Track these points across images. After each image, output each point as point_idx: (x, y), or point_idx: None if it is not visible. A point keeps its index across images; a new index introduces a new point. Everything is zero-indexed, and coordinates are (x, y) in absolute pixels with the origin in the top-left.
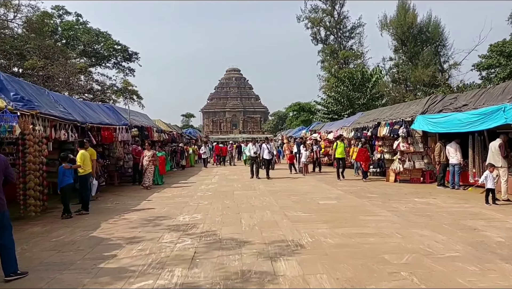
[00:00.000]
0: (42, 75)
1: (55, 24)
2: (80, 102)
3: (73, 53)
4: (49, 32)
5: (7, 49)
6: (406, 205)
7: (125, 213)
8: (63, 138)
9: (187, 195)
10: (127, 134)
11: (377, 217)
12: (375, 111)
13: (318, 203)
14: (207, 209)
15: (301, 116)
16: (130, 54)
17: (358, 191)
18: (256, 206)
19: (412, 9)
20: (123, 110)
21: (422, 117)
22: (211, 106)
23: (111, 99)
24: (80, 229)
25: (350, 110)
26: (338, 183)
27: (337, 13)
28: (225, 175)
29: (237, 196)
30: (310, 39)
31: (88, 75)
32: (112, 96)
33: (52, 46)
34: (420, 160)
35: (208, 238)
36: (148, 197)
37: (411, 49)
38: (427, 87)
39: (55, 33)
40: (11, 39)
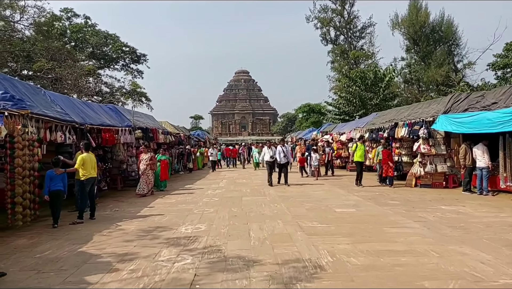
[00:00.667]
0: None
1: (63, 26)
2: (80, 102)
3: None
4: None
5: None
6: (434, 214)
7: (123, 222)
8: (59, 141)
9: (192, 201)
10: (131, 136)
11: (404, 229)
12: (391, 112)
13: (335, 211)
14: (212, 218)
15: (311, 117)
16: (138, 56)
17: (377, 197)
18: (266, 214)
19: (424, 8)
20: (126, 111)
21: (445, 117)
22: (220, 108)
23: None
24: (69, 243)
25: (363, 111)
26: (354, 187)
27: (347, 12)
28: (233, 178)
29: (246, 202)
30: (320, 39)
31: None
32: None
33: (59, 48)
34: (442, 163)
35: (212, 255)
36: (150, 204)
37: (423, 48)
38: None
39: (63, 35)
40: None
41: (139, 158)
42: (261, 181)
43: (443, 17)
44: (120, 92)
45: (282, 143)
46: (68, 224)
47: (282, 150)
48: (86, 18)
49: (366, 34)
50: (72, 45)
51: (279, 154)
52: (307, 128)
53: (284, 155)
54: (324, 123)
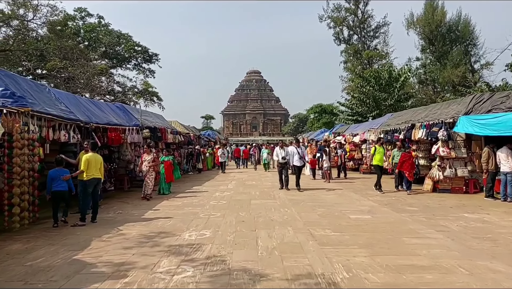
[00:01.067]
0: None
1: (77, 26)
2: (87, 100)
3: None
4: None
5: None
6: (457, 222)
7: (125, 226)
8: (63, 140)
9: (199, 204)
10: (138, 136)
11: (425, 239)
12: (407, 112)
13: (349, 217)
14: (218, 223)
15: (323, 118)
16: (150, 56)
17: (394, 203)
18: (275, 220)
19: (441, 7)
20: (134, 110)
21: (466, 118)
22: (231, 108)
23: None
24: (65, 249)
25: (376, 112)
26: (368, 192)
27: (361, 12)
28: (242, 180)
29: (254, 206)
30: (333, 39)
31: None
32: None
33: (71, 47)
34: (462, 167)
35: (215, 267)
36: (155, 206)
37: (439, 48)
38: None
39: (77, 35)
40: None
41: (141, 158)
42: (271, 183)
43: (460, 16)
44: (132, 91)
45: (297, 144)
46: (69, 226)
47: (297, 151)
48: (100, 17)
49: (380, 34)
50: (85, 45)
51: (293, 155)
52: (318, 129)
53: (299, 157)
54: (336, 124)
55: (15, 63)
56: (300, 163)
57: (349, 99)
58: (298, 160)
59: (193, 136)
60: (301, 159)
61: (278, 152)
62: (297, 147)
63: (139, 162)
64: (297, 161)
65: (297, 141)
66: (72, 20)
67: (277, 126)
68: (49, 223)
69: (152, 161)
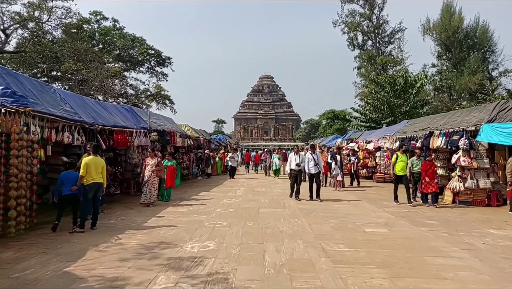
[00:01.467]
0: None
1: (92, 29)
2: (94, 102)
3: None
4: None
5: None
6: (483, 240)
7: (125, 235)
8: (66, 142)
9: (205, 211)
10: (145, 139)
11: (450, 259)
12: (424, 119)
13: (364, 231)
14: (224, 233)
15: (335, 124)
16: (164, 59)
17: (411, 215)
18: (285, 232)
19: (458, 12)
20: (143, 112)
21: (490, 127)
22: (243, 113)
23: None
24: (57, 259)
25: (391, 119)
26: (384, 202)
27: (375, 17)
28: (252, 186)
29: (263, 215)
30: (347, 44)
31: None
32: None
33: (85, 49)
34: (485, 178)
35: (216, 286)
36: (160, 212)
37: (456, 55)
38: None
39: (92, 38)
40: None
41: (145, 163)
42: (281, 190)
43: (478, 22)
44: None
45: (312, 150)
46: (67, 233)
47: (313, 157)
48: (115, 21)
49: (395, 40)
50: (100, 48)
51: (308, 162)
52: (331, 135)
53: (314, 164)
54: (349, 131)
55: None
56: (315, 170)
57: (363, 105)
58: (313, 167)
59: (203, 140)
60: (317, 166)
61: (292, 158)
62: (313, 153)
63: (143, 167)
64: (313, 168)
65: (313, 148)
66: (87, 23)
67: (289, 131)
68: (47, 228)
69: (156, 166)
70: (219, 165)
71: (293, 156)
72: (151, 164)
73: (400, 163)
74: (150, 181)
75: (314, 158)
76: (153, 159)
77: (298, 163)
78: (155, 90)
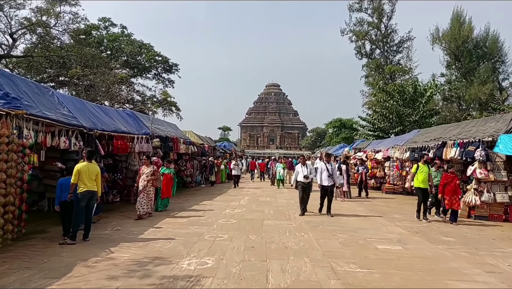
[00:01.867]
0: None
1: (101, 35)
2: (94, 106)
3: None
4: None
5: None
6: (508, 261)
7: (118, 248)
8: (63, 147)
9: (206, 223)
10: (147, 145)
11: (475, 284)
12: (436, 129)
13: (376, 248)
14: (224, 248)
15: (342, 133)
16: (170, 66)
17: (425, 230)
18: (290, 247)
19: (468, 22)
20: (146, 117)
21: (508, 138)
22: (249, 120)
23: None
24: (41, 275)
25: (399, 128)
26: (394, 215)
27: (384, 26)
28: (256, 195)
29: (267, 228)
30: (354, 53)
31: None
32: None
33: (92, 54)
34: (502, 192)
35: None
36: (158, 223)
37: (465, 65)
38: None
39: (100, 44)
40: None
41: (139, 171)
42: (287, 201)
43: (488, 32)
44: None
45: (327, 158)
46: (57, 244)
47: (327, 167)
48: (123, 27)
49: (404, 48)
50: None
51: (321, 172)
52: (337, 144)
53: (328, 175)
54: (356, 140)
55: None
56: (329, 182)
57: (371, 114)
58: (327, 179)
59: (208, 147)
60: (331, 177)
61: (299, 169)
62: (327, 162)
63: (138, 176)
64: (326, 179)
65: (328, 156)
66: (96, 29)
67: (295, 140)
68: (36, 239)
69: (152, 174)
70: (223, 172)
71: (300, 167)
72: (146, 172)
73: (421, 174)
74: (146, 191)
75: (329, 168)
76: (148, 167)
77: (306, 175)
78: (162, 96)
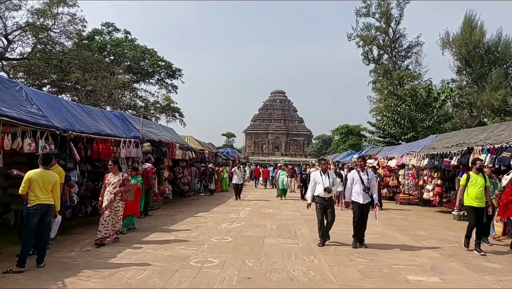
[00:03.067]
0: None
1: (104, 40)
2: (74, 105)
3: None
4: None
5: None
6: None
7: (76, 278)
8: (27, 150)
9: (196, 241)
10: (136, 150)
11: None
12: (457, 134)
13: (407, 280)
14: (212, 279)
15: (349, 140)
16: (174, 71)
17: (460, 253)
18: (297, 279)
19: (480, 26)
20: (136, 120)
21: None
22: (254, 127)
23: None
24: None
25: (412, 134)
26: (417, 232)
27: (392, 30)
28: (258, 206)
29: (268, 249)
30: (361, 58)
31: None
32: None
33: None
34: None
35: None
36: (139, 240)
37: (477, 70)
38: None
39: (103, 49)
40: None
41: (104, 181)
42: (292, 213)
43: (500, 37)
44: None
45: (361, 164)
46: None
47: (360, 177)
48: (126, 32)
49: (413, 54)
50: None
51: (353, 184)
52: (344, 151)
53: (364, 188)
54: (365, 146)
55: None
56: (365, 199)
57: (381, 120)
58: (362, 193)
59: (208, 153)
60: (368, 191)
61: (317, 178)
62: (361, 169)
63: (102, 188)
64: (361, 194)
65: (362, 160)
66: (99, 34)
67: (300, 147)
68: None
69: (121, 185)
70: (225, 181)
71: (319, 176)
72: (113, 182)
73: (473, 188)
74: (113, 207)
75: (363, 179)
76: (115, 175)
77: (328, 187)
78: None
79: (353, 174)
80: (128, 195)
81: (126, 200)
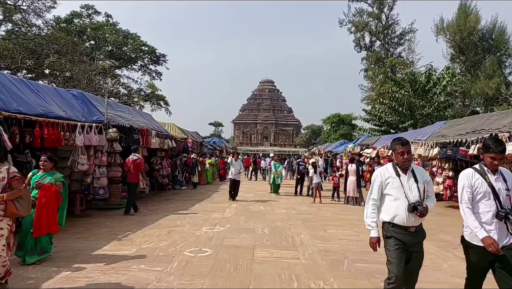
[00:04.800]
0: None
1: (84, 24)
2: (14, 79)
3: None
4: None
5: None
6: None
7: None
8: None
9: (163, 256)
10: (99, 137)
11: None
12: (471, 119)
13: None
14: None
15: (341, 129)
16: (158, 56)
17: None
18: None
19: (475, 12)
20: (101, 101)
21: None
22: (243, 117)
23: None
24: None
25: (410, 122)
26: (440, 236)
27: (385, 16)
28: (246, 203)
29: (260, 269)
30: (353, 45)
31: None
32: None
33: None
34: None
35: None
36: (91, 253)
37: (470, 58)
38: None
39: (83, 33)
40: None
41: None
42: (286, 211)
43: (495, 24)
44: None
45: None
46: None
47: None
48: (108, 16)
49: (406, 41)
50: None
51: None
52: (336, 140)
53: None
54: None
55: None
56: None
57: (377, 107)
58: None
59: (191, 142)
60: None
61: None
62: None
63: None
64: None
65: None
66: (78, 17)
67: (289, 137)
68: None
69: (5, 186)
70: (209, 172)
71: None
72: None
73: None
74: (2, 224)
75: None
76: None
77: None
78: (148, 89)
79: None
80: (20, 207)
81: (13, 213)
